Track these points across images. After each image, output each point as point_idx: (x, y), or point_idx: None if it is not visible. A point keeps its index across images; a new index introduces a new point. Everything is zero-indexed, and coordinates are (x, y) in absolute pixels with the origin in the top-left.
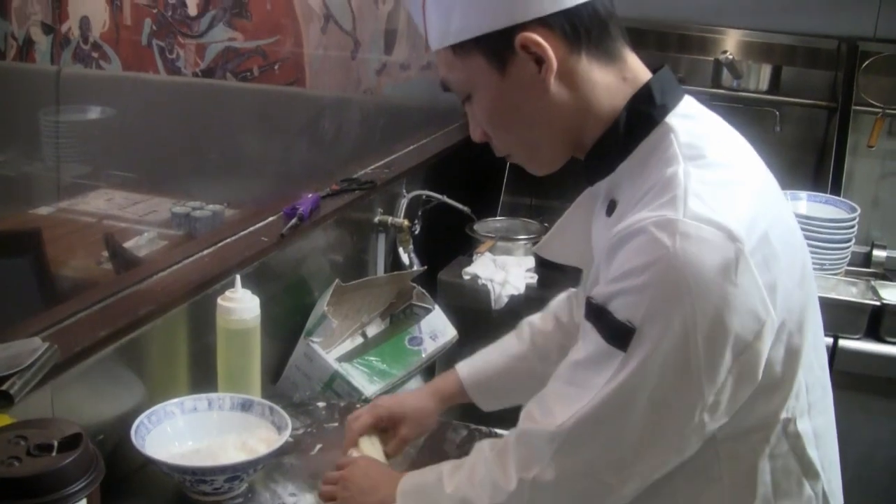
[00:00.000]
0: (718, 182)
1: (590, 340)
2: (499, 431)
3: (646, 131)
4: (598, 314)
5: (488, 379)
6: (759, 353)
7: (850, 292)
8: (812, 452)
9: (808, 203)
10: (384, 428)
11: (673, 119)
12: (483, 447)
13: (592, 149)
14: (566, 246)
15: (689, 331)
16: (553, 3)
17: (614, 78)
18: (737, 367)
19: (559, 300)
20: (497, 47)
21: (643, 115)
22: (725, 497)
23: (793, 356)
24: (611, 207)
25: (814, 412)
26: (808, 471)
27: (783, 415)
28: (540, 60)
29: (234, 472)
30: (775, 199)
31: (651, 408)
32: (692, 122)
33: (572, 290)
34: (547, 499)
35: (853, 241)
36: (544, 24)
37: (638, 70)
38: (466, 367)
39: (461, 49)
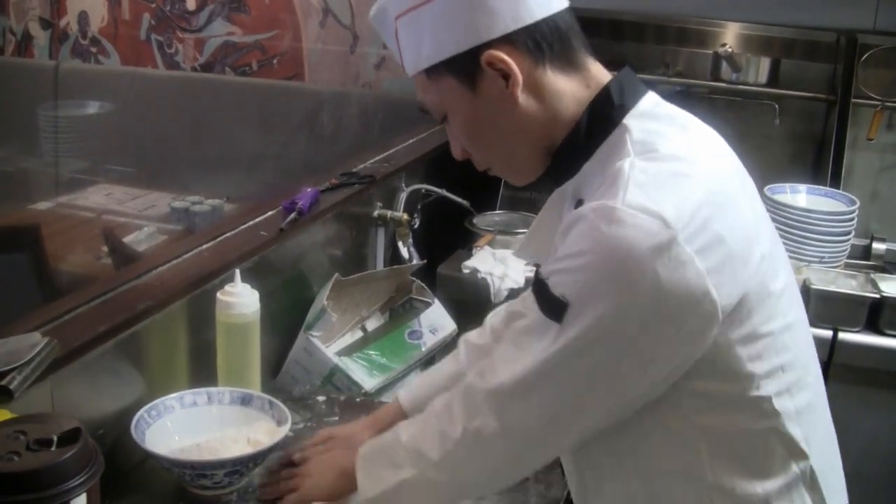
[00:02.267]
0: (662, 173)
1: (532, 310)
2: None
3: (606, 132)
4: (539, 286)
5: (427, 400)
6: (696, 333)
7: (849, 285)
8: (794, 430)
9: (807, 196)
10: None
11: (630, 119)
12: (434, 402)
13: (557, 151)
14: (542, 246)
15: (624, 311)
16: (514, 21)
17: (578, 85)
18: (675, 342)
19: (497, 313)
20: (466, 67)
21: (602, 117)
22: (707, 472)
23: (756, 339)
24: (578, 206)
25: (794, 390)
26: (793, 449)
27: (753, 393)
28: (506, 75)
29: (235, 467)
30: (731, 191)
31: (587, 379)
32: (649, 120)
33: (513, 301)
34: (487, 450)
35: (853, 233)
36: (508, 41)
37: (600, 76)
38: (406, 393)
39: (433, 72)
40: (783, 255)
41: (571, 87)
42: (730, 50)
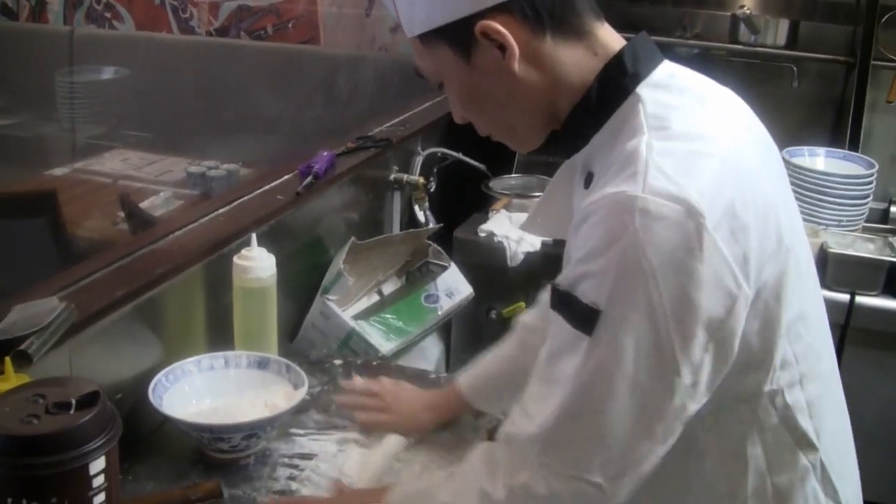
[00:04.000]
0: (681, 154)
1: (557, 329)
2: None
3: (617, 102)
4: (564, 301)
5: (485, 383)
6: (734, 329)
7: (867, 249)
8: (805, 423)
9: (825, 159)
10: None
11: (643, 89)
12: (475, 454)
13: (566, 121)
14: (551, 220)
15: (656, 311)
16: None
17: (583, 53)
18: (712, 344)
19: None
20: (459, 37)
21: (614, 85)
22: (717, 472)
23: (771, 328)
24: (588, 179)
25: (805, 382)
26: (802, 442)
27: (767, 387)
28: (503, 47)
29: (252, 430)
30: (751, 169)
31: (629, 394)
32: (664, 91)
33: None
34: None
35: (871, 197)
36: (504, 10)
37: (609, 42)
38: (465, 376)
39: (427, 39)
40: (802, 234)
41: (575, 56)
42: (748, 11)
